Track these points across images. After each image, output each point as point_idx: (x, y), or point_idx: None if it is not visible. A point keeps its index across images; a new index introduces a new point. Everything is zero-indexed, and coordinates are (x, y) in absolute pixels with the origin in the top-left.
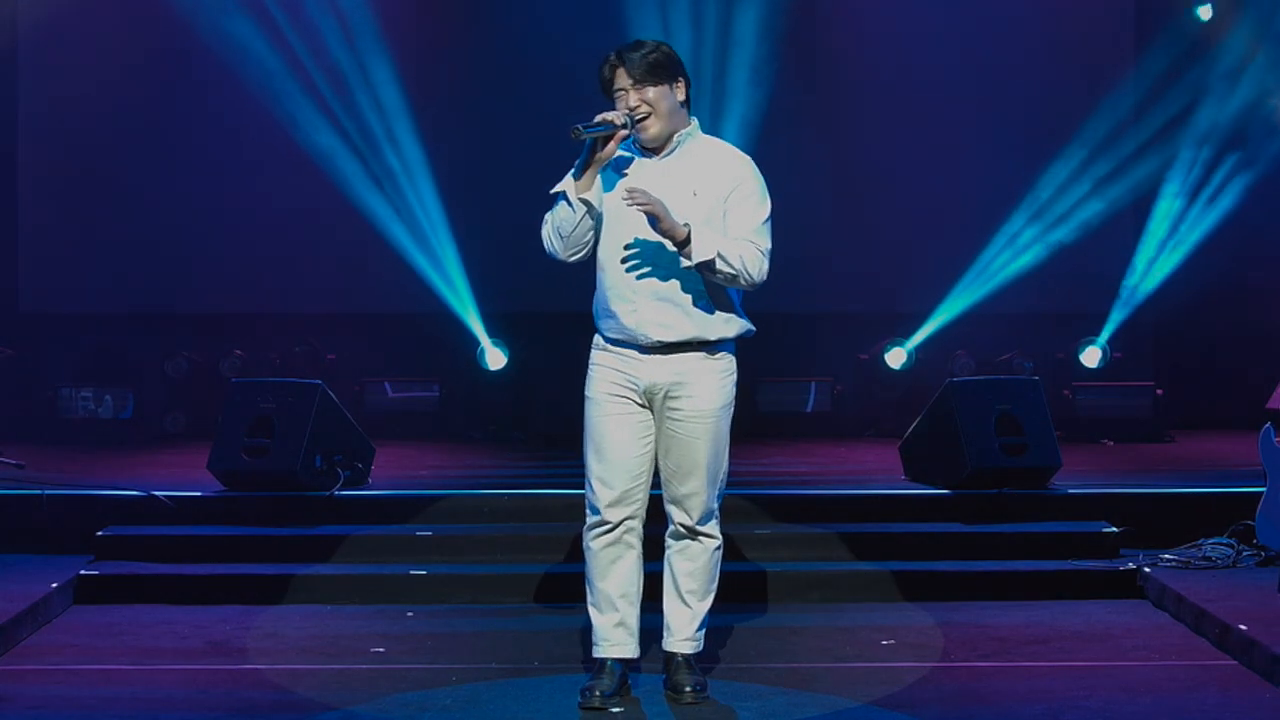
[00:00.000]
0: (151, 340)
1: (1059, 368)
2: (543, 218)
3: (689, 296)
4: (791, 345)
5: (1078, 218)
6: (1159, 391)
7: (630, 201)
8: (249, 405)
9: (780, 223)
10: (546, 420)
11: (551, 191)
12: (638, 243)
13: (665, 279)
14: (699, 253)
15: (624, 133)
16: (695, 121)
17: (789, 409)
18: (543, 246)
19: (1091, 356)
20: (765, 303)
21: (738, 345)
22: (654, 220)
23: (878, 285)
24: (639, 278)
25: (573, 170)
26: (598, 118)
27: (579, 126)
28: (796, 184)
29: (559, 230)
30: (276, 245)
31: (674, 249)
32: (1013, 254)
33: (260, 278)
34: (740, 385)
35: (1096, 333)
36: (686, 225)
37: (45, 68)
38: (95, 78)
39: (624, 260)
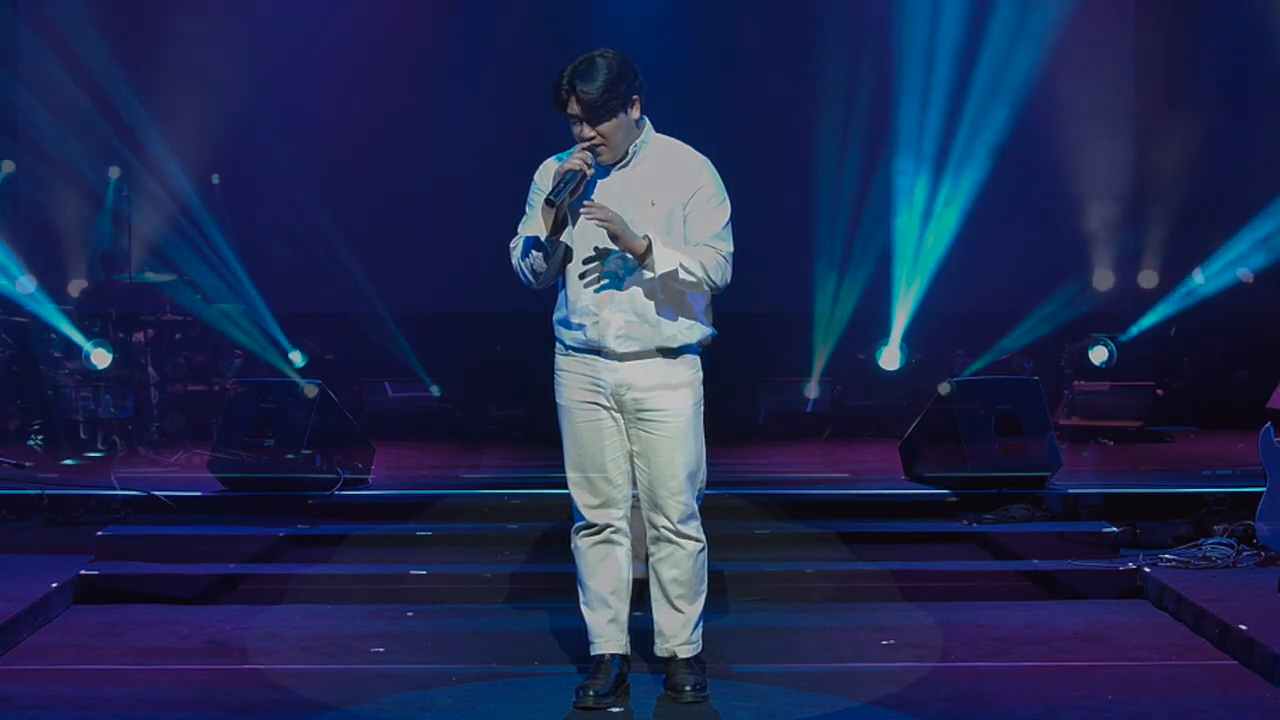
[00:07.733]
0: (152, 340)
1: (1061, 367)
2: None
3: (650, 306)
4: (791, 345)
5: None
6: (1159, 391)
7: (589, 216)
8: (249, 405)
9: (779, 223)
10: (547, 420)
11: (523, 233)
12: (598, 256)
13: (626, 290)
14: (660, 264)
15: (590, 172)
16: (648, 124)
17: (789, 409)
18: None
19: (1099, 354)
20: (764, 303)
21: (703, 349)
22: (613, 237)
23: (877, 285)
24: (599, 290)
25: (535, 207)
26: (565, 169)
27: (552, 199)
28: (796, 184)
29: (533, 269)
30: (278, 245)
31: (635, 261)
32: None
33: (262, 278)
34: (740, 385)
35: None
36: (646, 238)
37: (42, 70)
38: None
39: (585, 274)
